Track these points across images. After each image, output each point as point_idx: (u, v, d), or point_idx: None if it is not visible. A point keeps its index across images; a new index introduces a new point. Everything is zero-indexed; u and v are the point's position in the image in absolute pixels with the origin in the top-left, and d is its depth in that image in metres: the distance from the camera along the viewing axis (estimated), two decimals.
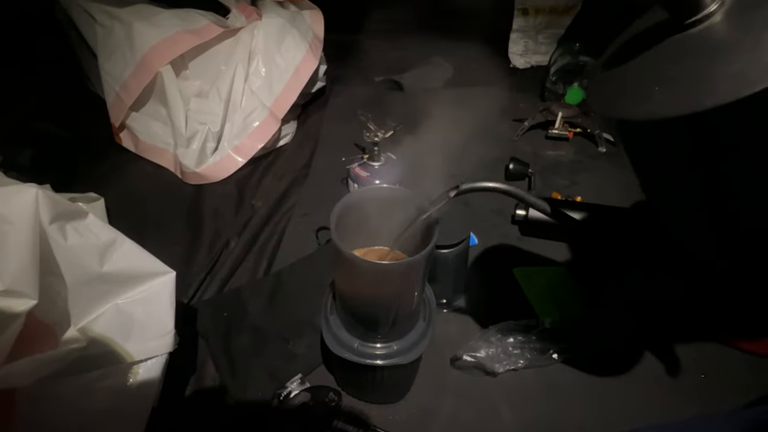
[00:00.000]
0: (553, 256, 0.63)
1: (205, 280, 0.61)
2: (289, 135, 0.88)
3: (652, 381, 0.49)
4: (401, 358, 0.39)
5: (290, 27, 0.82)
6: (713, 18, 0.23)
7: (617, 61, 0.28)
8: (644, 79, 0.26)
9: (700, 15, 0.24)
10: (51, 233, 0.33)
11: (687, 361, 0.50)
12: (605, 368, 0.49)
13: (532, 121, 0.85)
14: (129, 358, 0.38)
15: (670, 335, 0.52)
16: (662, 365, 0.50)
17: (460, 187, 0.33)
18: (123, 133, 0.83)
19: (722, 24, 0.23)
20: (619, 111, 0.26)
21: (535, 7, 1.08)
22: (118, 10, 0.75)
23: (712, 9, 0.23)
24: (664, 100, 0.23)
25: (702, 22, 0.24)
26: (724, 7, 0.23)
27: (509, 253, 0.65)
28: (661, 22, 0.26)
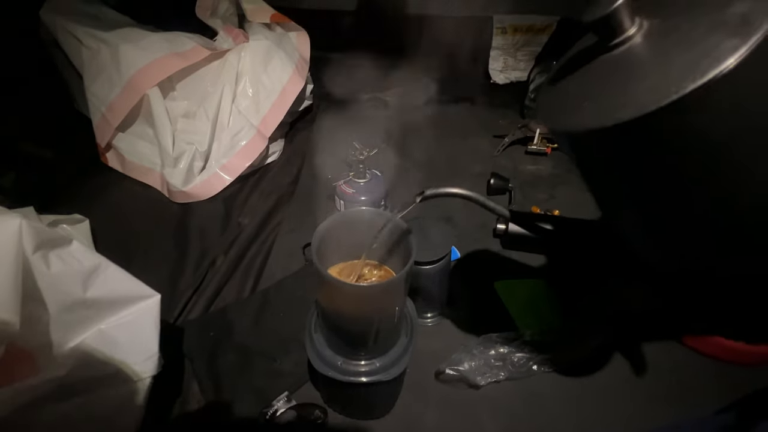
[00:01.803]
0: (534, 269, 0.65)
1: (191, 300, 0.61)
2: (276, 153, 0.90)
3: (629, 389, 0.50)
4: (384, 375, 0.40)
5: (277, 48, 0.85)
6: (633, 40, 0.26)
7: (559, 78, 0.31)
8: (577, 94, 0.28)
9: (622, 37, 0.26)
10: (34, 262, 0.34)
11: (663, 368, 0.51)
12: (583, 378, 0.51)
13: (512, 137, 0.89)
14: (112, 383, 0.38)
15: (644, 343, 0.54)
16: (638, 373, 0.51)
17: (425, 192, 0.35)
18: (109, 153, 0.84)
19: (641, 45, 0.26)
20: (557, 123, 0.29)
21: (513, 26, 1.13)
22: (104, 33, 0.76)
23: (632, 32, 0.26)
24: (592, 113, 0.26)
25: (624, 44, 0.26)
26: (642, 30, 0.26)
27: (491, 266, 0.66)
28: (594, 44, 0.28)
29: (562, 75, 0.31)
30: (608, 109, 0.25)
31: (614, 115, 0.24)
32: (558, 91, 0.31)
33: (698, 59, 0.22)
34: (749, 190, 0.26)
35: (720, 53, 0.21)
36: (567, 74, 0.30)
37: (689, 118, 0.23)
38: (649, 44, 0.25)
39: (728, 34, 0.22)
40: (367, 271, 0.42)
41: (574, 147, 0.30)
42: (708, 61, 0.22)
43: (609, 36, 0.27)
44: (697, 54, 0.22)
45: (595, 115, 0.26)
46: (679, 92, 0.22)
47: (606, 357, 0.52)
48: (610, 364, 0.52)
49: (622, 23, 0.26)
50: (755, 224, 0.27)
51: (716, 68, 0.21)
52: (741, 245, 0.29)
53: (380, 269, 0.42)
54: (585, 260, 0.63)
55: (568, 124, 0.28)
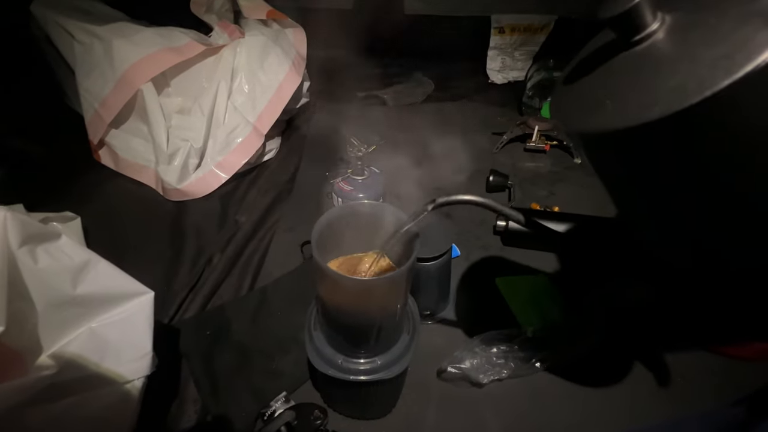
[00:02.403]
0: (535, 265, 0.65)
1: (187, 298, 0.60)
2: (273, 150, 0.88)
3: (632, 385, 0.50)
4: (385, 373, 0.39)
5: (273, 45, 0.83)
6: (656, 36, 0.25)
7: (575, 77, 0.30)
8: (597, 94, 0.27)
9: (644, 33, 0.25)
10: (20, 257, 0.32)
11: (667, 363, 0.51)
12: (586, 375, 0.51)
13: (511, 134, 0.88)
14: (104, 383, 0.36)
15: (648, 340, 0.53)
16: (641, 370, 0.51)
17: (437, 201, 0.34)
18: (102, 150, 0.82)
19: (664, 41, 0.25)
20: (576, 124, 0.28)
21: (510, 26, 1.13)
22: (97, 28, 0.74)
23: (654, 28, 0.25)
24: (615, 113, 0.25)
25: (646, 40, 0.25)
26: (665, 26, 0.25)
27: (492, 263, 0.66)
28: (612, 41, 0.27)
29: (577, 74, 0.30)
30: (633, 108, 0.24)
31: (640, 114, 0.23)
32: (575, 91, 0.29)
33: (731, 53, 0.21)
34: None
35: (755, 46, 0.20)
36: (584, 73, 0.29)
37: (722, 116, 0.22)
38: (674, 40, 0.24)
39: (762, 26, 0.21)
40: (368, 266, 0.41)
41: (595, 147, 0.29)
42: (743, 55, 0.20)
43: (630, 33, 0.25)
44: (729, 48, 0.21)
45: (619, 115, 0.24)
46: (713, 88, 0.21)
47: (609, 353, 0.52)
48: (612, 360, 0.52)
49: (644, 18, 0.25)
50: None
51: (752, 61, 0.20)
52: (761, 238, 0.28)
53: (381, 264, 0.41)
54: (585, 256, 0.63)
55: (589, 124, 0.26)
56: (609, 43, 0.28)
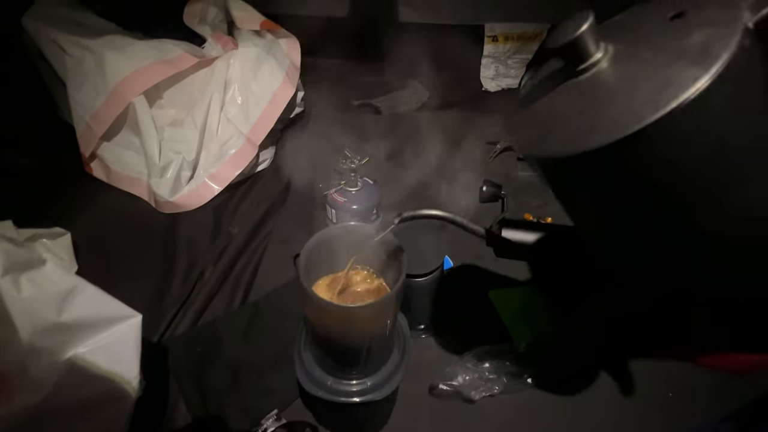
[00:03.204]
0: (527, 276, 0.65)
1: (178, 314, 0.59)
2: (267, 161, 0.88)
3: (623, 400, 0.50)
4: (376, 394, 0.39)
5: (267, 55, 0.83)
6: (600, 65, 0.26)
7: (530, 101, 0.31)
8: (546, 120, 0.28)
9: (588, 63, 0.26)
10: (3, 286, 0.32)
11: (656, 378, 0.51)
12: (578, 390, 0.51)
13: (504, 143, 0.88)
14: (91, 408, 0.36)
15: (637, 353, 0.53)
16: (631, 383, 0.51)
17: (402, 215, 0.35)
18: (93, 163, 0.82)
19: (607, 71, 0.26)
20: (527, 149, 0.28)
21: (504, 35, 1.14)
22: (88, 41, 0.74)
23: (598, 57, 0.26)
24: (560, 141, 0.26)
25: (590, 69, 0.26)
26: (608, 55, 0.26)
27: (484, 275, 0.66)
28: (561, 67, 0.28)
29: (533, 98, 0.31)
30: (575, 136, 0.25)
31: (580, 144, 0.24)
32: (529, 116, 0.31)
33: (660, 88, 0.22)
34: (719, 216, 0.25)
35: (681, 83, 0.22)
36: (537, 97, 0.30)
37: (654, 147, 0.23)
38: (615, 70, 0.26)
39: (689, 64, 0.22)
40: (360, 280, 0.41)
41: (546, 173, 0.30)
42: (670, 91, 0.22)
43: (575, 61, 0.27)
44: (660, 83, 0.23)
45: (562, 143, 0.26)
46: (642, 123, 0.22)
47: (600, 368, 0.52)
48: (605, 375, 0.52)
49: (588, 49, 0.26)
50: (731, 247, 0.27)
51: (678, 98, 0.21)
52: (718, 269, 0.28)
53: (372, 281, 0.41)
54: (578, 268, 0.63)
55: (536, 150, 0.28)
56: (559, 69, 0.29)
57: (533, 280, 0.64)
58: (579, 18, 0.25)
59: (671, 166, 0.24)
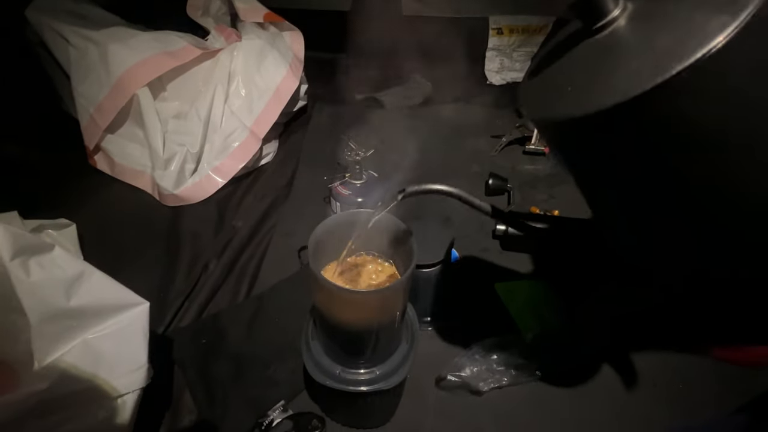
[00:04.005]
0: (534, 269, 0.64)
1: (182, 306, 0.59)
2: (270, 154, 0.88)
3: (632, 392, 0.49)
4: (384, 383, 0.39)
5: (270, 48, 0.83)
6: (617, 23, 0.25)
7: (542, 67, 0.30)
8: (560, 82, 0.27)
9: (605, 20, 0.25)
10: (12, 270, 0.32)
11: (666, 369, 0.51)
12: (585, 381, 0.50)
13: (510, 137, 0.88)
14: (98, 396, 0.36)
15: (647, 346, 0.53)
16: (642, 376, 0.51)
17: (407, 190, 0.34)
18: (97, 156, 0.81)
19: (625, 28, 0.25)
20: (540, 111, 0.27)
21: (509, 27, 1.13)
22: (92, 33, 0.74)
23: (616, 14, 0.25)
24: (574, 101, 0.25)
25: (608, 27, 0.25)
26: (627, 13, 0.25)
27: (491, 267, 0.65)
28: (577, 30, 0.27)
29: (544, 64, 0.29)
30: (591, 95, 0.24)
31: (597, 102, 0.23)
32: (541, 80, 0.29)
33: (684, 39, 0.21)
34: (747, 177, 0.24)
35: (707, 32, 0.20)
36: (550, 62, 0.29)
37: (677, 103, 0.21)
38: (634, 26, 0.24)
39: (715, 12, 0.21)
40: (371, 267, 0.40)
41: (559, 138, 0.29)
42: (695, 41, 0.20)
43: (592, 19, 0.25)
44: (683, 34, 0.21)
45: (578, 103, 0.24)
46: (665, 75, 0.20)
47: (609, 360, 0.51)
48: (613, 367, 0.51)
49: (606, 4, 0.25)
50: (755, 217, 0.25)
51: (704, 48, 0.20)
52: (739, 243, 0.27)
53: (385, 269, 0.41)
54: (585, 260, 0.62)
55: (550, 112, 0.26)
56: (575, 31, 0.28)
57: (539, 272, 0.64)
58: None
59: (694, 124, 0.22)
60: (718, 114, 0.22)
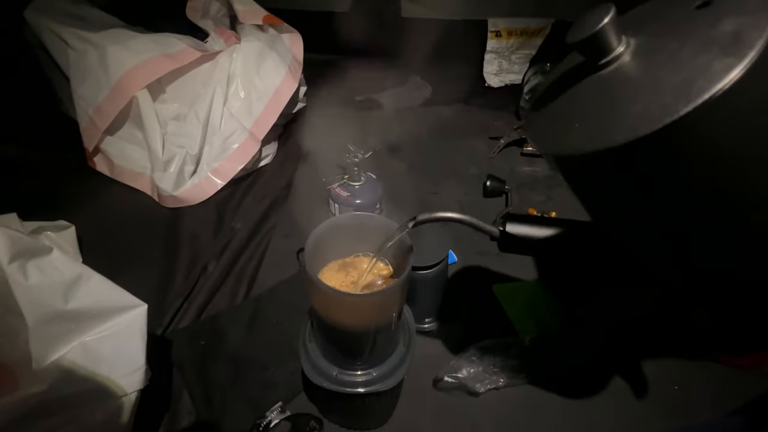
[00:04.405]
0: (532, 271, 0.64)
1: (181, 308, 0.59)
2: (269, 156, 0.88)
3: (629, 395, 0.50)
4: (381, 385, 0.39)
5: (269, 50, 0.83)
6: (622, 59, 0.25)
7: (548, 99, 0.30)
8: (568, 117, 0.27)
9: (610, 57, 0.25)
10: (10, 273, 0.32)
11: (662, 372, 0.51)
12: (583, 384, 0.50)
13: (508, 138, 0.88)
14: (96, 399, 0.36)
15: (643, 348, 0.53)
16: (638, 379, 0.51)
17: (417, 218, 0.35)
18: (97, 157, 0.82)
19: (629, 65, 0.25)
20: (549, 147, 0.28)
21: (507, 30, 1.13)
22: (91, 34, 0.74)
23: (620, 51, 0.25)
24: (583, 136, 0.25)
25: (612, 63, 0.26)
26: (630, 49, 0.25)
27: (488, 269, 0.66)
28: (581, 63, 0.28)
29: (550, 96, 0.30)
30: (600, 132, 0.24)
31: (607, 139, 0.23)
32: (548, 113, 0.30)
33: (691, 79, 0.21)
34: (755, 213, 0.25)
35: (713, 72, 0.21)
36: (556, 95, 0.29)
37: (685, 140, 0.22)
38: (639, 63, 0.25)
39: (721, 53, 0.21)
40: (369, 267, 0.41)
41: (567, 170, 0.29)
42: (702, 82, 0.21)
43: (596, 56, 0.26)
44: (690, 74, 0.22)
45: (586, 139, 0.25)
46: (674, 115, 0.21)
47: (606, 362, 0.52)
48: (609, 370, 0.52)
49: (610, 42, 0.25)
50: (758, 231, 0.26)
51: (711, 89, 0.20)
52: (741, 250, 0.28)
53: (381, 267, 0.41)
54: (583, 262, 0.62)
55: (560, 148, 0.27)
56: (579, 65, 0.28)
57: (537, 274, 0.64)
58: (600, 11, 0.24)
59: (702, 160, 0.23)
60: (724, 150, 0.23)
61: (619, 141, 0.23)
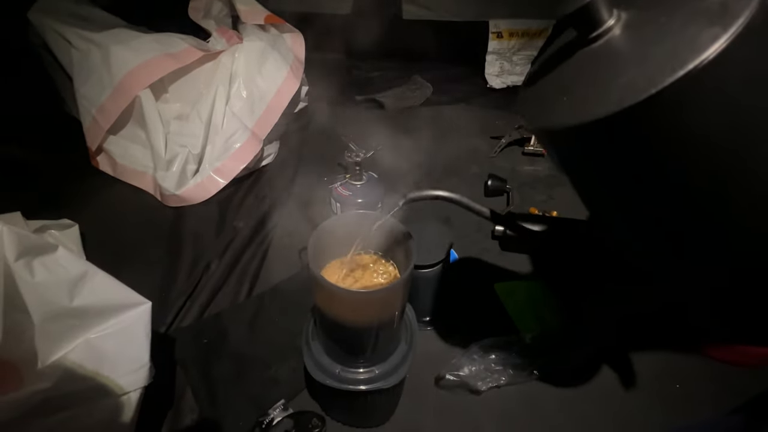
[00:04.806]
0: (533, 270, 0.65)
1: (184, 306, 0.60)
2: (271, 155, 0.88)
3: (629, 393, 0.50)
4: (384, 383, 0.39)
5: (271, 50, 0.84)
6: (612, 32, 0.25)
7: (538, 75, 0.30)
8: (556, 91, 0.27)
9: (600, 30, 0.25)
10: (17, 270, 0.32)
11: (663, 370, 0.51)
12: (585, 382, 0.50)
13: (509, 138, 0.88)
14: (101, 395, 0.36)
15: (644, 346, 0.53)
16: (639, 377, 0.51)
17: (408, 196, 0.35)
18: (100, 157, 0.82)
19: (619, 38, 0.25)
20: (538, 121, 0.28)
21: (509, 31, 1.13)
22: (94, 34, 0.74)
23: (611, 24, 0.25)
24: (571, 110, 0.25)
25: (603, 36, 0.26)
26: (621, 22, 0.25)
27: (490, 268, 0.66)
28: (572, 38, 0.28)
29: (540, 73, 0.30)
30: (587, 105, 0.24)
31: (592, 111, 0.23)
32: (538, 90, 0.30)
33: (677, 50, 0.21)
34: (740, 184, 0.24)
35: (699, 43, 0.21)
36: (547, 71, 0.29)
37: (670, 111, 0.22)
38: (628, 36, 0.25)
39: (708, 23, 0.21)
40: (372, 264, 0.41)
41: (556, 146, 0.29)
42: (687, 52, 0.21)
43: (587, 28, 0.26)
44: (676, 45, 0.22)
45: (573, 112, 0.25)
46: (658, 85, 0.21)
47: (607, 361, 0.52)
48: (611, 368, 0.52)
49: (601, 15, 0.25)
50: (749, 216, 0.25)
51: (696, 58, 0.20)
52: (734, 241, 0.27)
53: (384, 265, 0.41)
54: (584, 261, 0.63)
55: (547, 121, 0.27)
56: (570, 41, 0.28)
57: (539, 272, 0.64)
58: None
59: (688, 132, 0.23)
60: (712, 122, 0.22)
61: (603, 113, 0.23)
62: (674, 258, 0.31)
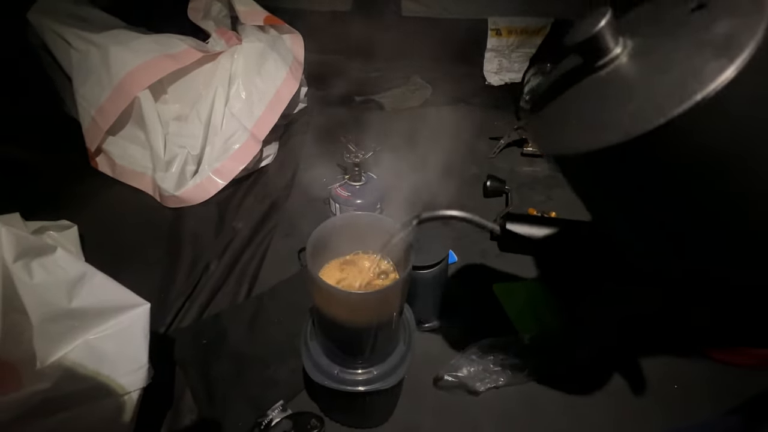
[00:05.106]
0: (532, 271, 0.65)
1: (183, 307, 0.60)
2: (270, 156, 0.89)
3: (629, 394, 0.50)
4: (382, 383, 0.39)
5: (270, 51, 0.84)
6: (619, 60, 0.26)
7: (547, 99, 0.31)
8: (567, 117, 0.28)
9: (607, 58, 0.26)
10: (15, 271, 0.32)
11: (661, 370, 0.51)
12: (583, 383, 0.50)
13: (508, 139, 0.88)
14: (100, 395, 0.36)
15: (643, 347, 0.53)
16: (637, 378, 0.51)
17: (421, 216, 0.35)
18: (99, 157, 0.82)
19: (626, 66, 0.26)
20: (548, 146, 0.28)
21: (507, 28, 1.13)
22: (93, 35, 0.74)
23: (617, 52, 0.26)
24: (580, 136, 0.26)
25: (610, 64, 0.26)
26: (627, 50, 0.26)
27: (488, 269, 0.66)
28: (579, 65, 0.28)
29: (550, 97, 0.31)
30: (596, 132, 0.25)
31: (601, 139, 0.24)
32: (547, 114, 0.31)
33: (684, 80, 0.22)
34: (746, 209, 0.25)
35: (706, 75, 0.21)
36: (555, 96, 0.30)
37: (678, 138, 0.23)
38: (635, 65, 0.25)
39: (713, 55, 0.22)
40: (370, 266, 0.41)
41: (567, 169, 0.30)
42: (694, 83, 0.21)
43: (594, 58, 0.26)
44: (683, 74, 0.22)
45: (583, 138, 0.26)
46: (667, 115, 0.22)
47: (606, 361, 0.52)
48: (609, 368, 0.52)
49: (607, 44, 0.25)
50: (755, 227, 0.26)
51: (704, 89, 0.21)
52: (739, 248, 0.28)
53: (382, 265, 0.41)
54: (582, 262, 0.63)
55: (557, 147, 0.28)
56: (577, 67, 0.29)
57: (538, 274, 0.64)
58: (597, 14, 0.25)
59: (695, 154, 0.23)
60: (717, 150, 0.23)
61: (613, 141, 0.23)
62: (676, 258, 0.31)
